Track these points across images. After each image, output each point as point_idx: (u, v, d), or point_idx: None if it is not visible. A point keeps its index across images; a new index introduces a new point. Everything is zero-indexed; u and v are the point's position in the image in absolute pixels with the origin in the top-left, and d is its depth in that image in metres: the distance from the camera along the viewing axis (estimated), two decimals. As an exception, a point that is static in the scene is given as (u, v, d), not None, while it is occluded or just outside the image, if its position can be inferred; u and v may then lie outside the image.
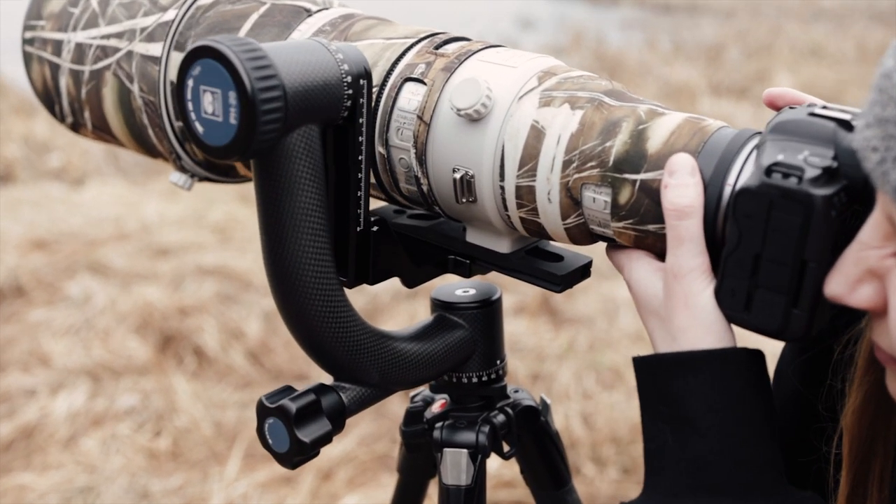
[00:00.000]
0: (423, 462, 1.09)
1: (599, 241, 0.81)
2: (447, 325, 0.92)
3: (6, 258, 3.42)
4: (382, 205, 0.93)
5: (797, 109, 0.70)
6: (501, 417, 0.98)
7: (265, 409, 0.81)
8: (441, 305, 0.94)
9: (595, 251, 0.85)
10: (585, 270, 0.85)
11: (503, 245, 0.85)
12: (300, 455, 0.80)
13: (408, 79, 0.82)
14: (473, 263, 0.88)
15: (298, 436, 0.79)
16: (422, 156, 0.81)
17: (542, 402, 1.06)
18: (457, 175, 0.80)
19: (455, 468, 0.94)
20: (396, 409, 2.56)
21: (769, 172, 0.65)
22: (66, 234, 3.66)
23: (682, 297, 0.70)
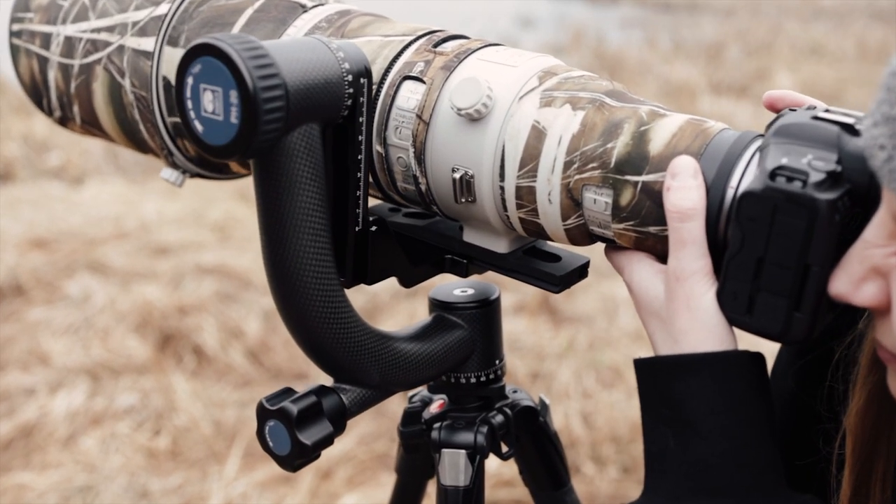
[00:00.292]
0: (422, 462, 1.09)
1: (598, 242, 0.81)
2: (446, 326, 0.92)
3: (5, 257, 3.42)
4: (377, 202, 0.92)
5: (799, 112, 0.70)
6: (500, 418, 0.98)
7: (266, 412, 0.80)
8: (439, 305, 0.93)
9: (593, 250, 0.84)
10: (583, 271, 0.85)
11: (501, 245, 0.84)
12: (302, 458, 0.80)
13: (406, 77, 0.82)
14: (470, 263, 0.87)
15: (300, 438, 0.79)
16: (420, 155, 0.81)
17: (541, 403, 1.05)
18: (456, 175, 0.79)
19: (453, 469, 0.94)
20: (396, 409, 2.56)
21: (773, 176, 0.65)
22: (66, 233, 3.66)
23: (684, 300, 0.70)
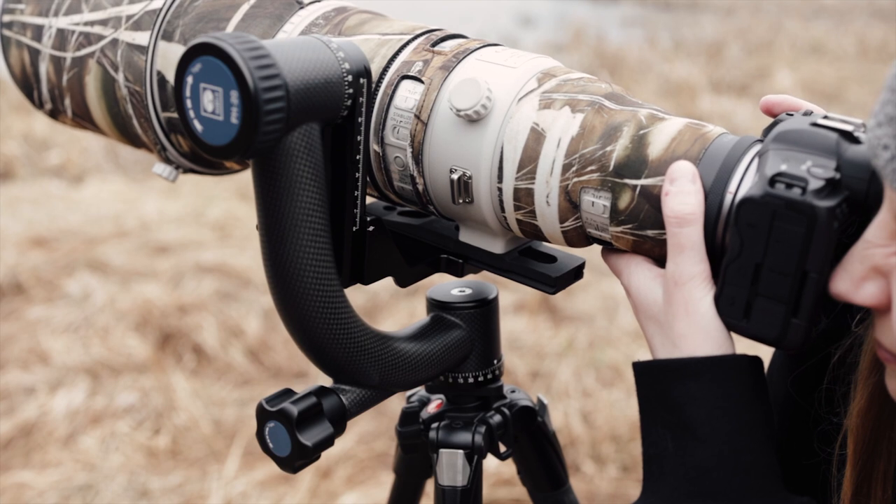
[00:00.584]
0: (420, 462, 1.09)
1: (595, 244, 0.81)
2: (444, 326, 0.92)
3: (5, 256, 3.42)
4: (372, 201, 0.92)
5: (797, 118, 0.71)
6: (498, 418, 0.98)
7: (266, 413, 0.80)
8: (438, 305, 0.93)
9: (592, 249, 0.85)
10: (578, 272, 0.85)
11: (497, 245, 0.84)
12: (302, 459, 0.80)
13: (405, 76, 0.82)
14: (466, 263, 0.87)
15: (301, 439, 0.79)
16: (418, 155, 0.81)
17: (539, 403, 1.05)
18: (454, 175, 0.79)
19: (451, 469, 0.94)
20: (395, 408, 2.56)
21: (773, 182, 0.65)
22: (66, 232, 3.66)
23: (683, 304, 0.71)
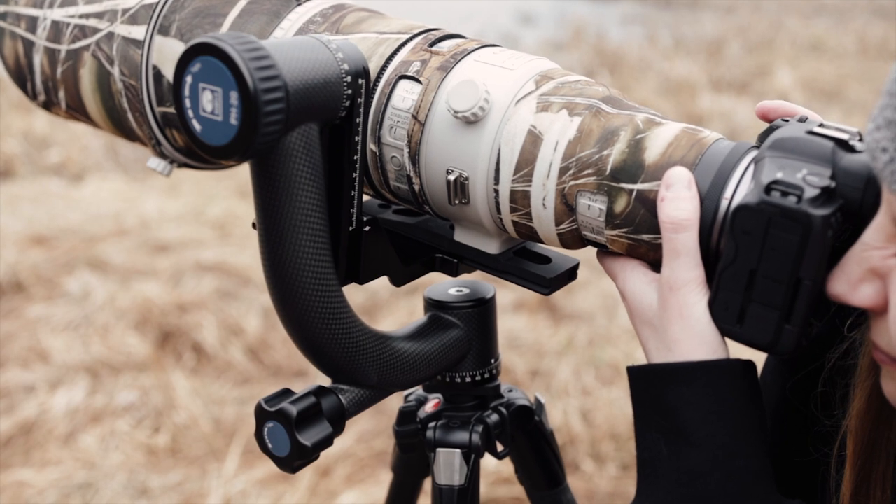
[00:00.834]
0: (417, 461, 1.09)
1: (589, 246, 0.81)
2: (442, 325, 0.92)
3: (5, 254, 3.42)
4: (366, 199, 0.92)
5: (793, 125, 0.71)
6: (495, 417, 0.98)
7: (265, 413, 0.80)
8: (435, 305, 0.93)
9: (587, 249, 0.85)
10: (573, 273, 0.86)
11: (492, 246, 0.85)
12: (301, 459, 0.80)
13: (402, 76, 0.82)
14: (461, 262, 0.88)
15: (300, 439, 0.79)
16: (415, 155, 0.81)
17: (537, 402, 1.05)
18: (451, 177, 0.79)
19: (448, 468, 0.94)
20: (395, 406, 2.55)
21: (769, 190, 0.66)
22: (66, 230, 3.66)
23: (677, 309, 0.71)
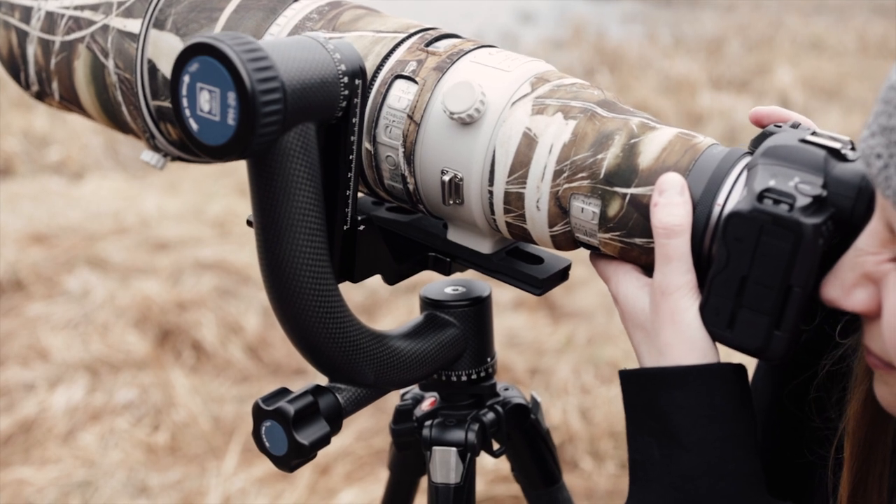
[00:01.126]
0: (414, 460, 1.09)
1: (582, 248, 0.82)
2: (439, 324, 0.92)
3: (5, 252, 3.42)
4: (359, 196, 0.92)
5: (786, 132, 0.72)
6: (491, 415, 0.98)
7: (262, 412, 0.80)
8: (431, 304, 0.94)
9: (582, 250, 0.85)
10: (565, 273, 0.86)
11: (485, 246, 0.85)
12: (299, 458, 0.80)
13: (398, 76, 0.82)
14: (454, 261, 0.88)
15: (297, 438, 0.79)
16: (410, 155, 0.81)
17: (533, 400, 1.06)
18: (445, 177, 0.80)
19: (444, 466, 0.95)
20: (393, 405, 2.56)
21: (761, 198, 0.67)
22: (65, 228, 3.66)
23: (669, 314, 0.72)
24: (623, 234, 0.75)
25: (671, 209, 0.71)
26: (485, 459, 0.97)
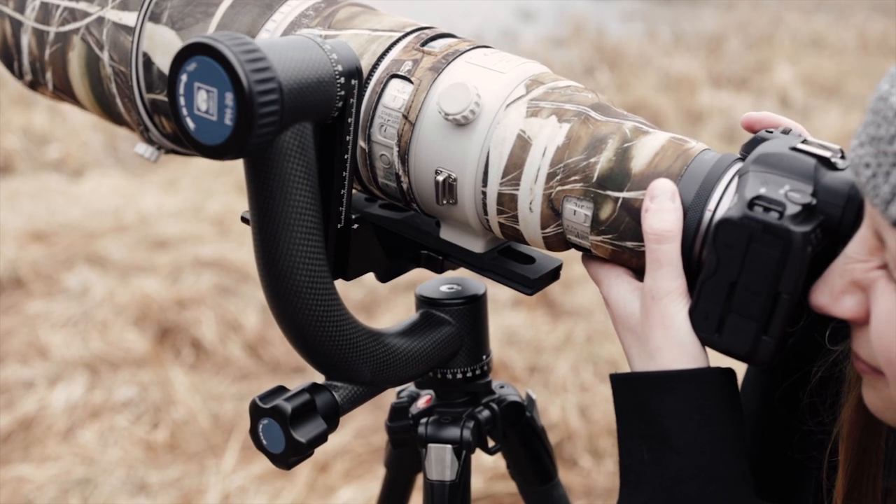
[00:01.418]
0: (410, 457, 1.10)
1: (573, 249, 0.83)
2: (434, 322, 0.93)
3: (5, 250, 3.42)
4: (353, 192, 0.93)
5: (777, 139, 0.73)
6: (486, 413, 0.99)
7: (259, 410, 0.81)
8: (427, 302, 0.94)
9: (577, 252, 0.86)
10: (556, 273, 0.87)
11: (477, 245, 0.85)
12: (296, 455, 0.80)
13: (394, 75, 0.82)
14: (446, 260, 0.88)
15: (294, 436, 0.80)
16: (405, 154, 0.82)
17: (528, 398, 1.06)
18: (439, 177, 0.80)
19: (439, 464, 0.95)
20: (390, 402, 2.57)
21: (751, 205, 0.68)
22: (65, 226, 3.66)
23: (659, 318, 0.73)
24: (614, 238, 0.76)
25: (662, 215, 0.72)
26: (483, 457, 0.98)
